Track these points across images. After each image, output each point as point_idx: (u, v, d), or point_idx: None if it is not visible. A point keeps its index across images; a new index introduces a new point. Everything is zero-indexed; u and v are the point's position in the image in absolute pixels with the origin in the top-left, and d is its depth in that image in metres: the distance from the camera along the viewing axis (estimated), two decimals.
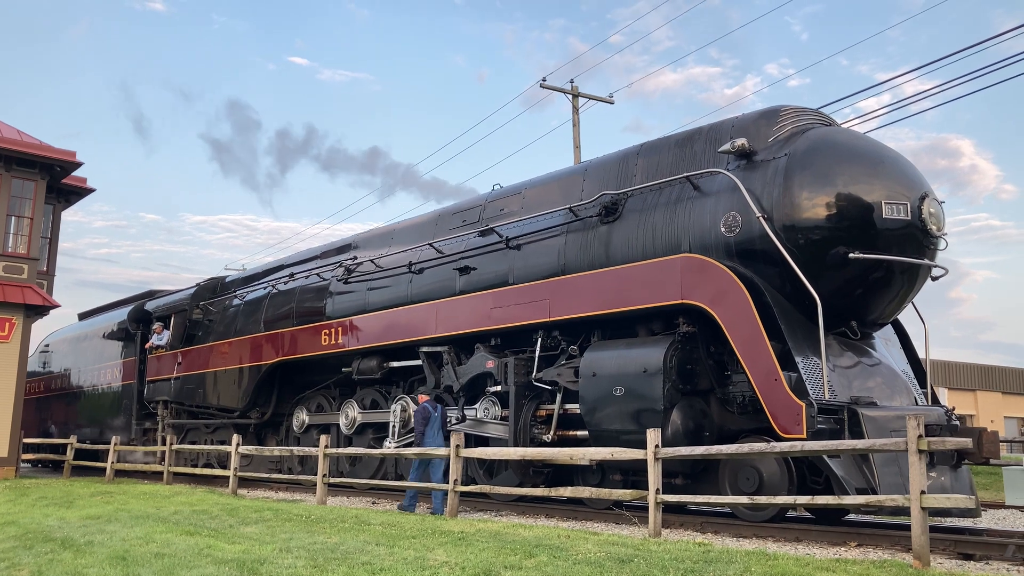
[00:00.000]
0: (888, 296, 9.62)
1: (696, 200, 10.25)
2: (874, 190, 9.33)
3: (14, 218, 19.31)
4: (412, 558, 6.38)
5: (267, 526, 8.66)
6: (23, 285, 19.03)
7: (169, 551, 7.01)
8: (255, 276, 19.68)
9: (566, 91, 23.74)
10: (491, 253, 12.63)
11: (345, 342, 15.04)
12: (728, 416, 9.81)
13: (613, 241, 10.96)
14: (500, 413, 12.15)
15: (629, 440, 9.41)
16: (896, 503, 6.89)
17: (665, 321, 10.33)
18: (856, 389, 9.13)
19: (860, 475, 8.28)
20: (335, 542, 7.30)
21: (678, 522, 9.52)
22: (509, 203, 13.10)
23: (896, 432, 8.10)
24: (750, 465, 9.18)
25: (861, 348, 9.76)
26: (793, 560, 6.27)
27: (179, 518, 9.46)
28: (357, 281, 15.28)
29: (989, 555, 7.32)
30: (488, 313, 12.26)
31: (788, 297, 9.36)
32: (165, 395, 20.35)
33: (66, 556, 7.16)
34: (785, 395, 8.54)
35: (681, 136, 11.18)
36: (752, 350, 8.96)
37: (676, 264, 9.91)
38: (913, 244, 9.44)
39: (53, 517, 10.11)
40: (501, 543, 7.08)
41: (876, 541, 8.03)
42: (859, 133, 10.86)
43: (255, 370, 17.24)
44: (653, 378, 9.61)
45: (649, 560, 6.16)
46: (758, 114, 10.42)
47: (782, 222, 9.38)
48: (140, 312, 22.57)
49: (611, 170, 11.70)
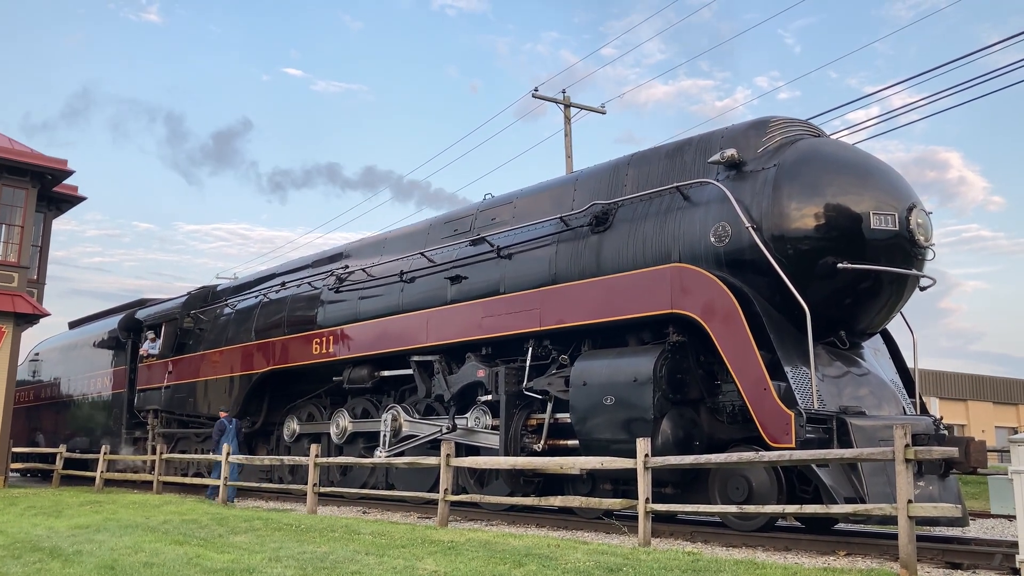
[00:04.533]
0: (877, 306, 9.68)
1: (686, 210, 10.30)
2: (862, 201, 9.39)
3: (4, 226, 19.27)
4: (401, 567, 6.38)
5: (257, 535, 8.65)
6: (13, 294, 18.97)
7: (158, 560, 6.99)
8: (246, 285, 19.64)
9: (558, 101, 23.83)
10: (482, 262, 12.66)
11: (336, 351, 15.03)
12: (718, 425, 9.84)
13: (604, 251, 11.00)
14: (491, 422, 12.15)
15: (619, 449, 9.43)
16: (884, 512, 6.93)
17: (655, 331, 10.36)
18: (845, 398, 9.18)
19: (848, 484, 8.31)
20: (325, 551, 7.29)
21: (668, 531, 9.53)
22: (500, 212, 13.14)
23: (884, 441, 8.14)
24: (740, 474, 9.20)
25: (850, 358, 9.80)
26: (782, 569, 6.30)
27: (168, 527, 9.44)
28: (348, 290, 15.28)
29: (976, 564, 7.35)
30: (479, 322, 12.28)
31: (777, 307, 9.40)
32: (155, 404, 20.28)
33: (54, 566, 7.14)
34: (774, 404, 8.58)
35: (671, 146, 11.23)
36: (741, 360, 8.99)
37: (666, 274, 9.95)
38: (901, 254, 9.50)
39: (42, 527, 10.07)
40: (491, 552, 7.09)
41: (865, 550, 8.05)
42: (848, 144, 10.94)
43: (246, 379, 17.20)
44: (643, 387, 9.63)
45: (638, 569, 6.18)
46: (748, 125, 10.48)
47: (771, 232, 9.43)
48: (131, 321, 22.49)
49: (602, 180, 11.74)
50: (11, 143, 19.38)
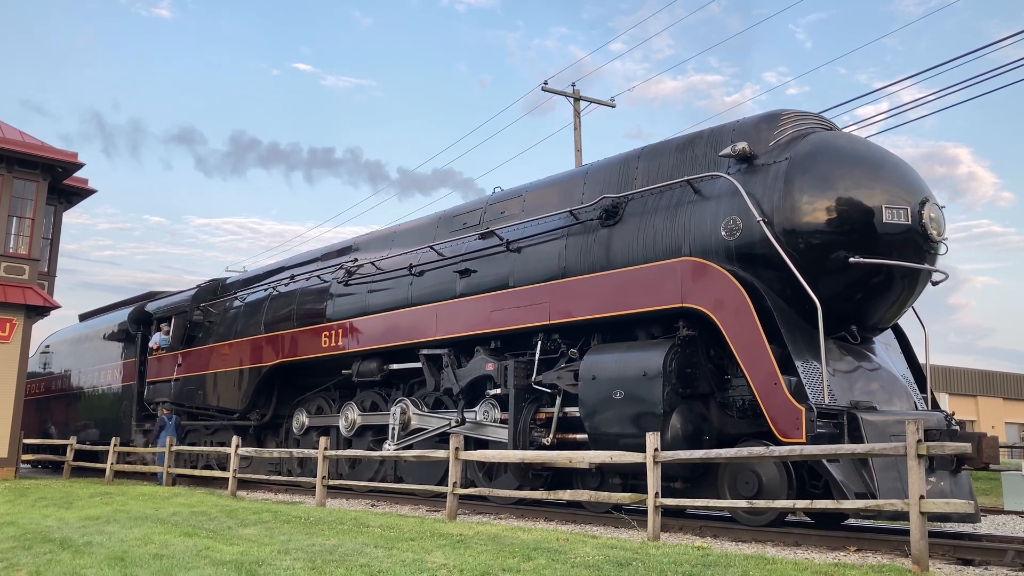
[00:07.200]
0: (888, 301, 9.61)
1: (697, 204, 10.24)
2: (875, 194, 9.32)
3: (15, 219, 19.34)
4: (410, 560, 6.37)
5: (266, 528, 8.66)
6: (24, 286, 19.05)
7: (167, 552, 7.01)
8: (256, 278, 19.67)
9: (567, 94, 23.76)
10: (491, 256, 12.63)
11: (345, 344, 15.04)
12: (728, 420, 9.80)
13: (613, 244, 10.96)
14: (500, 416, 12.14)
15: (628, 443, 9.40)
16: (895, 507, 6.89)
17: (665, 325, 10.32)
18: (856, 393, 9.12)
19: (859, 479, 8.27)
20: (334, 544, 7.29)
21: (677, 526, 9.51)
22: (510, 206, 13.10)
23: (895, 437, 8.10)
24: (749, 469, 9.17)
25: (861, 353, 9.75)
26: (792, 564, 6.26)
27: (178, 519, 9.46)
28: (358, 283, 15.28)
29: (988, 560, 7.31)
30: (488, 316, 12.26)
31: (788, 301, 9.35)
32: (165, 396, 20.33)
33: (64, 556, 7.16)
34: (785, 399, 8.53)
35: (682, 140, 11.18)
36: (752, 354, 8.95)
37: (676, 268, 9.91)
38: (913, 249, 9.43)
39: (52, 518, 10.11)
40: (500, 546, 7.08)
41: (875, 546, 8.01)
42: (860, 137, 10.87)
43: (255, 372, 17.23)
44: (653, 382, 9.60)
45: (648, 564, 6.15)
46: (759, 118, 10.41)
47: (782, 226, 9.37)
48: (140, 313, 22.56)
49: (612, 173, 11.70)
50: (22, 136, 19.43)
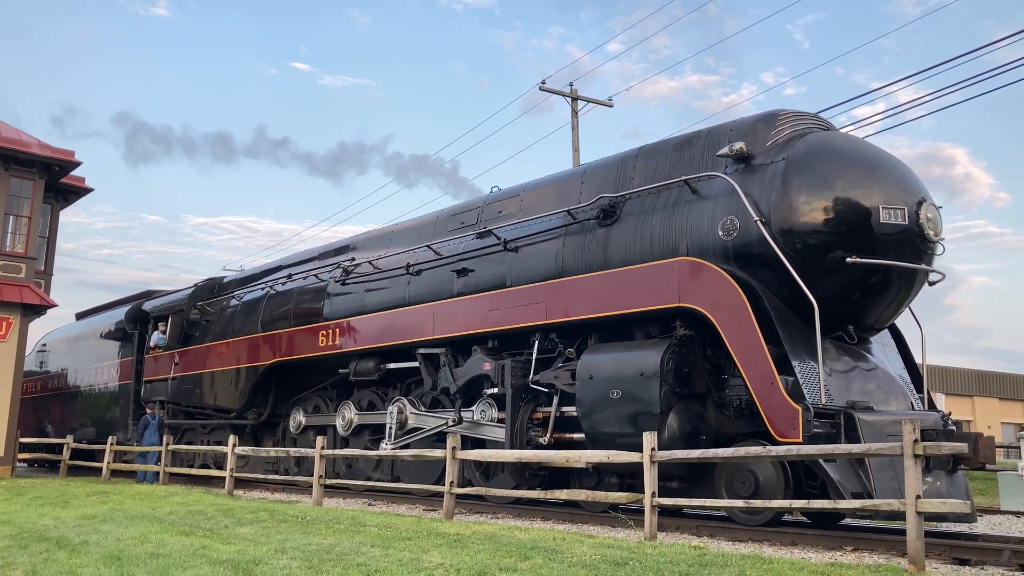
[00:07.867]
0: (885, 301, 9.62)
1: (694, 204, 10.25)
2: (872, 195, 9.32)
3: (12, 217, 19.30)
4: (407, 560, 6.37)
5: (262, 527, 8.65)
6: (21, 284, 19.02)
7: (164, 551, 7.00)
8: (253, 277, 19.66)
9: (565, 94, 23.76)
10: (489, 255, 12.63)
11: (342, 343, 15.03)
12: (724, 420, 9.81)
13: (611, 244, 10.96)
14: (497, 415, 12.14)
15: (625, 443, 9.40)
16: (892, 507, 6.90)
17: (662, 324, 10.32)
18: (853, 393, 9.13)
19: (856, 479, 8.28)
20: (330, 543, 7.29)
21: (674, 525, 9.51)
22: (507, 205, 13.10)
23: (892, 436, 8.10)
24: (746, 469, 9.18)
25: (858, 353, 9.76)
26: (788, 564, 6.27)
27: (174, 518, 9.45)
28: (355, 282, 15.27)
29: (984, 560, 7.31)
30: (485, 315, 12.26)
31: (785, 301, 9.36)
32: (162, 395, 20.30)
33: (61, 555, 7.15)
34: (782, 399, 8.54)
35: (680, 139, 11.18)
36: (749, 354, 8.95)
37: (673, 267, 9.91)
38: (911, 249, 9.44)
39: (48, 517, 10.09)
40: (496, 545, 7.08)
41: (872, 546, 8.02)
42: (857, 138, 10.88)
43: (252, 371, 17.22)
44: (650, 381, 9.60)
45: (644, 563, 6.16)
46: (757, 118, 10.41)
47: (780, 226, 9.38)
48: (137, 312, 22.52)
49: (609, 173, 11.70)
50: (19, 134, 19.40)
